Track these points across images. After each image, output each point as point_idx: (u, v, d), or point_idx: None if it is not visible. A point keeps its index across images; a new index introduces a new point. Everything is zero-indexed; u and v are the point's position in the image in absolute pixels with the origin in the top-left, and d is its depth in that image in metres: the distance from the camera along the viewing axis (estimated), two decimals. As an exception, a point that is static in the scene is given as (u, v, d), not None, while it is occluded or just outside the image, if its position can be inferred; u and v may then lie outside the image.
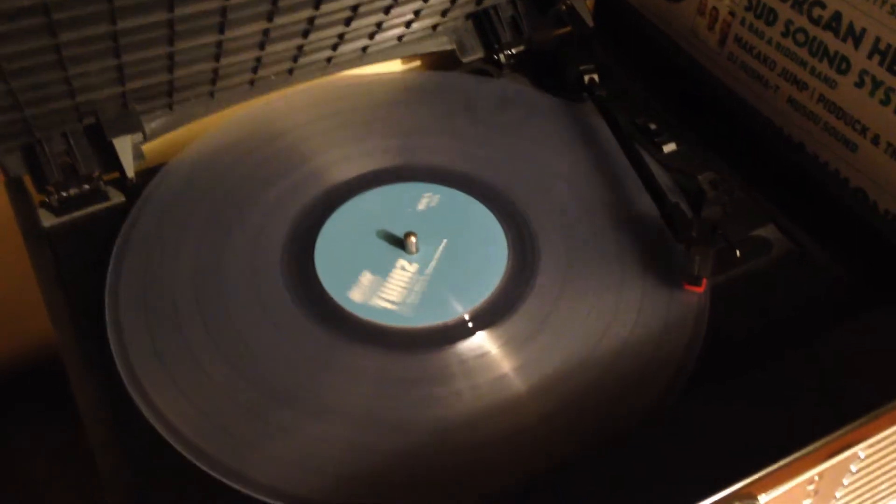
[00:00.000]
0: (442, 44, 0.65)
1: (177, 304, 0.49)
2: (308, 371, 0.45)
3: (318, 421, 0.43)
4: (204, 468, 0.41)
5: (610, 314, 0.48)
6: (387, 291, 0.49)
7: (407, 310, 0.48)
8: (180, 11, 0.46)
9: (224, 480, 0.41)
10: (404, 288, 0.49)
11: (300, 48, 0.57)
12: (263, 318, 0.48)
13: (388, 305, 0.48)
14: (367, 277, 0.49)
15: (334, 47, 0.59)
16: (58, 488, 0.63)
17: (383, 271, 0.50)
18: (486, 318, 0.48)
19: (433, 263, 0.50)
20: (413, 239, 0.50)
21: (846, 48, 0.53)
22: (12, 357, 0.69)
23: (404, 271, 0.50)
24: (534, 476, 0.38)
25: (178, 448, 0.42)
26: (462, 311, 0.48)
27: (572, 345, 0.46)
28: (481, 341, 0.47)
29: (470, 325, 0.47)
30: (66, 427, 0.64)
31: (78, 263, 0.51)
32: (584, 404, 0.44)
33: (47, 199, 0.54)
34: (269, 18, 0.50)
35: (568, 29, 0.66)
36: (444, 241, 0.51)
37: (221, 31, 0.50)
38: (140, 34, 0.47)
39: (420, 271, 0.50)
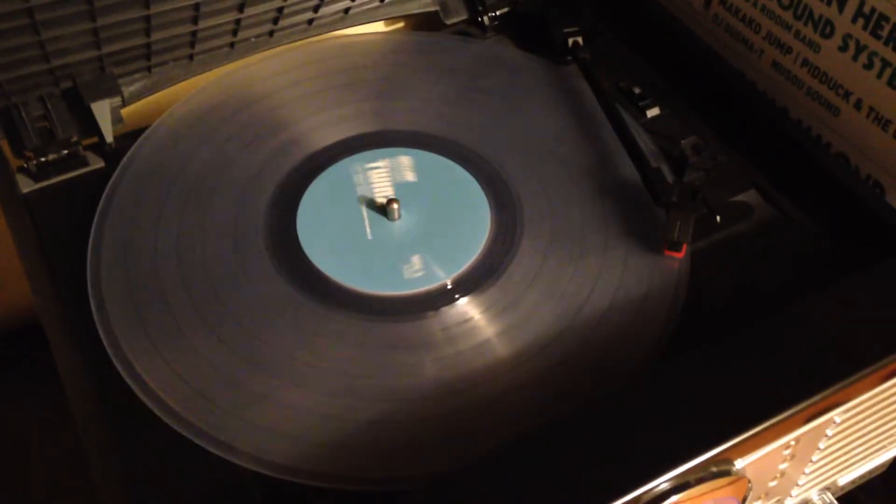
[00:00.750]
0: (425, 5, 0.64)
1: (159, 271, 0.48)
2: (290, 338, 0.46)
3: (299, 388, 0.43)
4: (186, 435, 0.41)
5: (592, 279, 0.48)
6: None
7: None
8: (156, -26, 0.45)
9: (206, 447, 0.41)
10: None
11: (280, 10, 0.56)
12: (245, 285, 0.48)
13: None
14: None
15: (315, 9, 0.58)
16: (45, 453, 0.64)
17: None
18: (469, 284, 0.48)
19: (415, 229, 0.50)
20: (395, 205, 0.50)
21: (830, 11, 0.53)
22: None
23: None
24: (516, 440, 0.38)
25: (160, 415, 0.42)
26: (444, 277, 0.48)
27: (555, 310, 0.47)
28: (464, 307, 0.47)
29: (453, 292, 0.47)
30: (51, 392, 0.64)
31: (58, 230, 0.51)
32: (566, 369, 0.44)
33: (25, 165, 0.54)
34: (248, -19, 0.50)
35: (553, -10, 0.66)
36: (427, 207, 0.51)
37: (199, -7, 0.49)
38: (115, -3, 0.46)
39: (402, 237, 0.50)
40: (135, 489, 0.39)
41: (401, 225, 0.50)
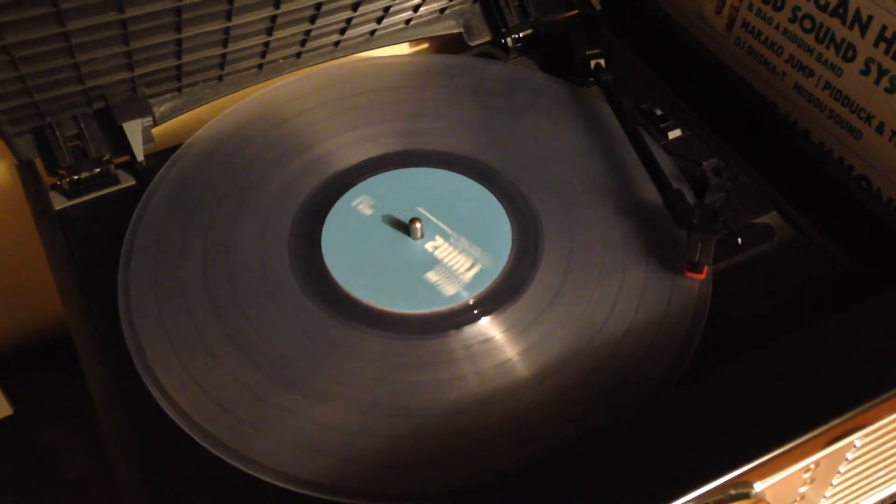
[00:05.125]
0: (449, 27, 0.65)
1: (186, 287, 0.49)
2: (314, 355, 0.46)
3: (322, 404, 0.44)
4: (210, 449, 0.42)
5: (612, 300, 0.48)
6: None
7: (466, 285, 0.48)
8: (188, -1, 0.46)
9: (230, 461, 0.41)
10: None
11: (308, 33, 0.57)
12: (271, 302, 0.49)
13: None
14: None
15: (342, 31, 0.59)
16: (71, 456, 0.64)
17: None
18: (491, 303, 0.48)
19: (437, 248, 0.51)
20: (418, 225, 0.51)
21: (853, 35, 0.53)
22: (26, 330, 0.70)
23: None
24: (536, 460, 0.38)
25: (185, 429, 0.43)
26: (467, 296, 0.48)
27: (575, 330, 0.47)
28: (485, 326, 0.47)
29: (474, 310, 0.48)
30: (78, 408, 0.65)
31: (89, 246, 0.52)
32: (586, 389, 0.44)
33: (58, 183, 0.55)
34: (277, 4, 0.51)
35: (575, 12, 0.66)
36: (450, 226, 0.52)
37: (229, 18, 0.50)
38: (148, 21, 0.47)
39: (425, 255, 0.50)
40: (160, 500, 0.40)
41: (424, 244, 0.51)
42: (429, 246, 0.51)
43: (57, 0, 0.42)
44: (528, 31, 0.65)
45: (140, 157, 0.56)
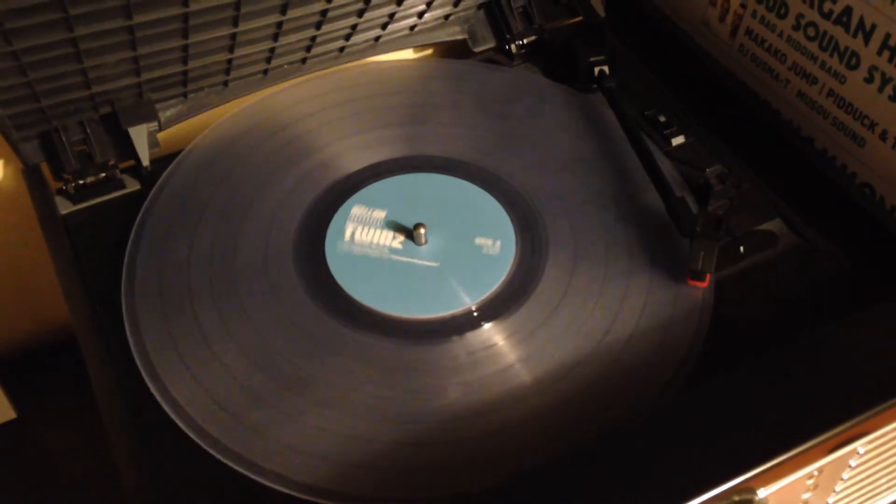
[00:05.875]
0: (454, 33, 0.65)
1: (191, 291, 0.49)
2: (317, 359, 0.46)
3: (324, 409, 0.44)
4: (214, 453, 0.42)
5: (615, 307, 0.48)
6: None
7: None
8: (195, 5, 0.46)
9: (234, 465, 0.42)
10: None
11: (313, 39, 0.57)
12: (275, 307, 0.49)
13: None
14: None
15: (347, 38, 0.60)
16: (72, 458, 0.65)
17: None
18: (494, 309, 0.48)
19: (441, 253, 0.51)
20: (422, 230, 0.51)
21: (856, 43, 0.53)
22: (29, 333, 0.70)
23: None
24: (539, 466, 0.38)
25: (190, 433, 0.43)
26: (469, 302, 0.49)
27: (578, 337, 0.47)
28: (488, 332, 0.47)
29: (477, 316, 0.48)
30: (79, 399, 0.65)
31: (94, 250, 0.53)
32: (589, 396, 0.45)
33: (64, 187, 0.55)
34: (283, 11, 0.51)
35: (579, 19, 0.67)
36: (453, 231, 0.52)
37: (235, 24, 0.50)
38: (155, 28, 0.47)
39: (429, 261, 0.51)
40: (162, 503, 0.40)
41: (427, 249, 0.51)
42: (432, 251, 0.51)
43: (66, 6, 0.42)
44: (532, 38, 0.66)
45: (145, 162, 0.56)
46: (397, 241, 0.51)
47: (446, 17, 0.64)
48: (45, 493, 0.63)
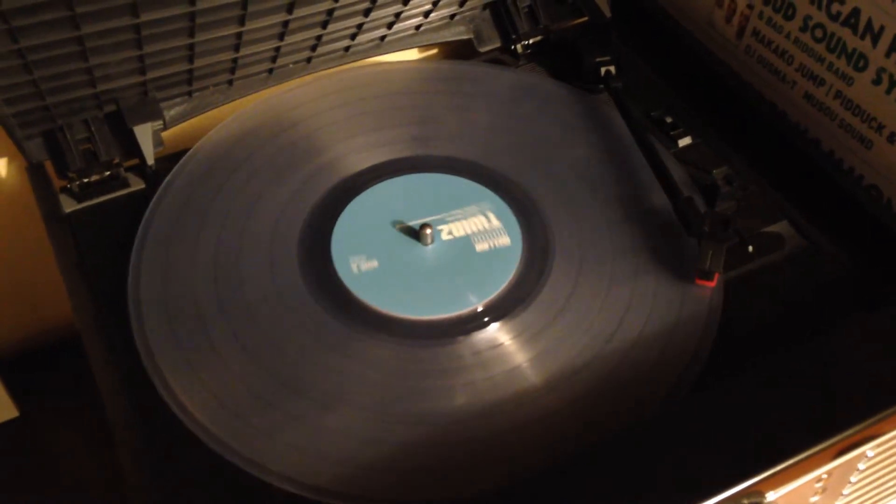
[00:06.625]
0: (459, 33, 0.65)
1: (196, 291, 0.49)
2: (322, 360, 0.46)
3: (332, 411, 0.44)
4: (220, 453, 0.42)
5: (622, 308, 0.48)
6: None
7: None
8: (202, 4, 0.46)
9: (240, 466, 0.41)
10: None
11: (319, 38, 0.57)
12: (280, 307, 0.49)
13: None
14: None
15: (352, 37, 0.59)
16: (74, 458, 0.65)
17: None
18: (500, 309, 0.48)
19: (447, 254, 0.51)
20: (428, 230, 0.51)
21: (864, 45, 0.53)
22: (30, 332, 0.70)
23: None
24: (546, 467, 0.38)
25: (196, 433, 0.43)
26: (476, 302, 0.48)
27: (585, 338, 0.47)
28: (495, 333, 0.47)
29: (484, 316, 0.48)
30: (81, 398, 0.65)
31: (98, 249, 0.52)
32: (596, 397, 0.44)
33: (68, 185, 0.55)
34: (290, 10, 0.51)
35: (585, 19, 0.66)
36: (458, 232, 0.52)
37: (242, 23, 0.50)
38: (161, 26, 0.47)
39: (435, 262, 0.50)
40: (168, 503, 0.40)
41: (433, 250, 0.51)
42: (438, 251, 0.51)
43: (73, 4, 0.42)
44: (538, 38, 0.65)
45: (150, 161, 0.56)
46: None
47: (452, 16, 0.64)
48: (45, 491, 0.63)
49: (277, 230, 0.53)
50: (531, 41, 0.65)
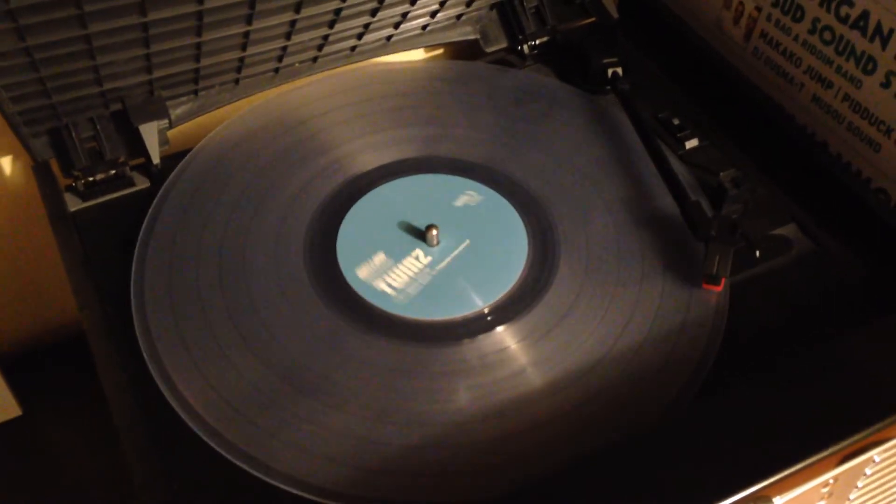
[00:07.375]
0: (466, 33, 0.65)
1: (201, 290, 0.49)
2: (328, 360, 0.46)
3: (335, 411, 0.44)
4: (224, 453, 0.42)
5: (629, 311, 0.48)
6: (395, 277, 0.49)
7: (410, 299, 0.48)
8: (210, 3, 0.46)
9: (244, 466, 0.41)
10: (412, 278, 0.49)
11: (326, 38, 0.57)
12: (285, 307, 0.48)
13: (390, 290, 0.48)
14: (379, 258, 0.50)
15: (359, 37, 0.59)
16: (76, 457, 0.64)
17: (398, 257, 0.50)
18: (506, 312, 0.48)
19: (452, 256, 0.51)
20: (434, 231, 0.50)
21: (873, 48, 0.53)
22: (33, 331, 0.70)
23: (418, 261, 0.50)
24: (551, 471, 0.38)
25: (200, 433, 0.43)
26: (481, 305, 0.48)
27: (590, 341, 0.47)
28: (500, 336, 0.47)
29: (489, 319, 0.48)
30: (83, 397, 0.65)
31: (104, 248, 0.52)
32: (601, 401, 0.44)
33: (74, 184, 0.55)
34: (297, 10, 0.51)
35: (592, 20, 0.66)
36: (465, 234, 0.52)
37: (249, 22, 0.50)
38: (169, 25, 0.47)
39: (436, 264, 0.50)
40: (172, 502, 0.39)
41: (439, 250, 0.51)
42: (443, 253, 0.51)
43: (81, 2, 0.42)
44: (545, 39, 0.65)
45: (155, 160, 0.56)
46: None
47: (458, 16, 0.63)
48: (46, 490, 0.63)
49: (283, 230, 0.52)
50: (538, 42, 0.65)
